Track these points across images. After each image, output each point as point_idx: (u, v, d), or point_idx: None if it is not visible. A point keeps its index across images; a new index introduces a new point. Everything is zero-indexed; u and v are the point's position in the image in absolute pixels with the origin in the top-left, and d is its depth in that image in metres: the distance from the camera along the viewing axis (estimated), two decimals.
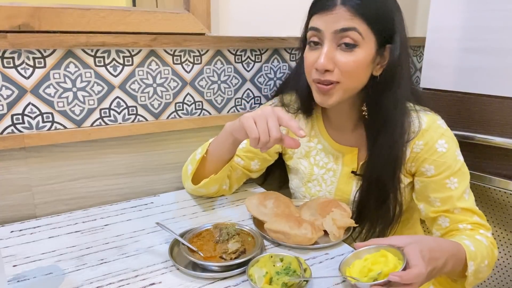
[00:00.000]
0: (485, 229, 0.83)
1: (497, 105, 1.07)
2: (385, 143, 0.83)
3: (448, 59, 1.16)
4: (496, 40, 1.04)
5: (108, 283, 0.67)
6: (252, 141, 0.77)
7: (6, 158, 0.88)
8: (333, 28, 0.77)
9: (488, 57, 1.07)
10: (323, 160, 0.94)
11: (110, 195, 1.02)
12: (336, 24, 0.76)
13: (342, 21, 0.76)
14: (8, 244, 0.78)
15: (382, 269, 0.64)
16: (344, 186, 0.92)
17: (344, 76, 0.79)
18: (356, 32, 0.76)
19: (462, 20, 1.11)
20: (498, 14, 1.03)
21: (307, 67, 0.83)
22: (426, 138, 0.83)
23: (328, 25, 0.77)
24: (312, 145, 0.96)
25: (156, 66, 0.99)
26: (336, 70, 0.78)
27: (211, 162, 0.91)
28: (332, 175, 0.93)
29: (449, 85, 1.16)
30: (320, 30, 0.79)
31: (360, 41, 0.77)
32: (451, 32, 1.14)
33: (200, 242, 0.76)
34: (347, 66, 0.78)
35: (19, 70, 0.85)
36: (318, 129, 0.96)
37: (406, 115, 0.84)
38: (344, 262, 0.70)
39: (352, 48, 0.77)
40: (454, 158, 0.84)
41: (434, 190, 0.84)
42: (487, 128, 1.10)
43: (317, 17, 0.79)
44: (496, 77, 1.06)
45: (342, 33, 0.76)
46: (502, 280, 1.13)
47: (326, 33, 0.78)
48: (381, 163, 0.84)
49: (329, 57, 0.78)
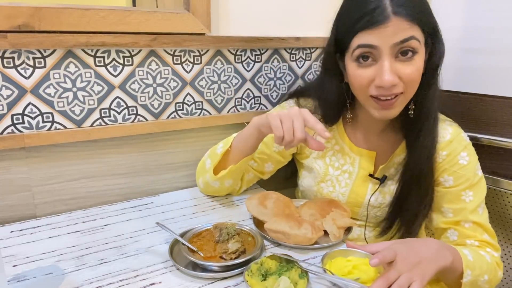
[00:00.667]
0: (493, 249, 0.82)
1: (497, 105, 1.07)
2: (428, 141, 0.82)
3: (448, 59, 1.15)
4: (496, 40, 1.04)
5: (108, 283, 0.67)
6: (276, 139, 0.77)
7: (6, 158, 0.88)
8: (391, 42, 0.72)
9: (488, 57, 1.07)
10: (339, 161, 0.93)
11: (110, 195, 1.02)
12: (394, 37, 0.72)
13: (400, 32, 0.72)
14: (8, 244, 0.78)
15: (361, 276, 0.67)
16: (359, 189, 0.91)
17: (409, 86, 0.76)
18: (415, 40, 0.73)
19: (462, 20, 1.11)
20: (498, 14, 1.03)
21: (361, 85, 0.78)
22: (449, 149, 0.84)
23: (385, 40, 0.72)
24: (329, 145, 0.95)
25: (156, 66, 0.99)
26: (400, 82, 0.75)
27: (234, 155, 0.91)
28: (347, 177, 0.92)
29: (449, 85, 1.16)
30: (375, 47, 0.73)
31: (419, 47, 0.75)
32: (451, 32, 1.13)
33: (200, 242, 0.76)
34: (412, 76, 0.75)
35: (19, 70, 0.85)
36: (337, 130, 0.95)
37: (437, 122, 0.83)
38: (329, 255, 0.73)
39: (412, 56, 0.74)
40: (474, 172, 0.84)
41: (449, 201, 0.84)
42: (488, 128, 1.10)
43: (368, 32, 0.73)
44: (496, 77, 1.06)
45: (401, 44, 0.72)
46: (502, 280, 1.13)
47: (384, 48, 0.73)
48: (424, 161, 0.83)
49: (393, 72, 0.73)
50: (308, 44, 1.18)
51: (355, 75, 0.78)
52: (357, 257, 0.72)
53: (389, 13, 0.71)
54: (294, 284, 0.64)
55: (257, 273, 0.67)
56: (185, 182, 1.12)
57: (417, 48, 0.74)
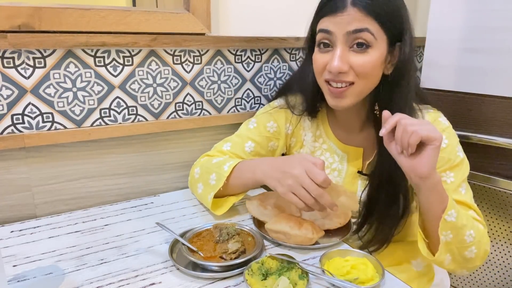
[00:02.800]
0: (480, 223, 0.82)
1: (497, 105, 1.07)
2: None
3: (448, 59, 1.16)
4: (496, 40, 1.04)
5: (108, 283, 0.67)
6: (302, 209, 0.78)
7: (6, 158, 0.88)
8: (345, 30, 0.76)
9: (488, 57, 1.07)
10: (327, 160, 0.94)
11: (110, 195, 1.02)
12: (348, 25, 0.76)
13: (354, 22, 0.75)
14: (8, 244, 0.78)
15: (359, 276, 0.67)
16: (349, 186, 0.92)
17: (359, 77, 0.79)
18: (368, 32, 0.76)
19: (462, 20, 1.11)
20: (498, 14, 1.03)
21: (317, 69, 0.83)
22: None
23: (340, 27, 0.77)
24: (317, 145, 0.96)
25: (156, 66, 0.99)
26: (350, 71, 0.78)
27: (227, 189, 0.89)
28: (337, 175, 0.93)
29: (449, 85, 1.16)
30: (331, 32, 0.78)
31: (373, 41, 0.77)
32: (451, 32, 1.14)
33: (200, 242, 0.76)
34: (363, 68, 0.78)
35: (19, 70, 0.85)
36: (323, 129, 0.96)
37: (413, 114, 0.84)
38: (326, 255, 0.73)
39: (366, 49, 0.77)
40: (454, 153, 0.84)
41: None
42: (487, 128, 1.10)
43: (327, 19, 0.79)
44: (496, 77, 1.06)
45: (354, 34, 0.76)
46: (502, 280, 1.13)
47: (338, 35, 0.77)
48: (393, 161, 0.83)
49: (343, 59, 0.77)
50: None
51: (315, 58, 0.83)
52: (354, 256, 0.72)
53: (348, 2, 0.76)
54: (293, 284, 0.64)
55: (257, 272, 0.67)
56: (185, 182, 1.11)
57: (371, 42, 0.77)
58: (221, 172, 0.87)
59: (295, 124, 0.96)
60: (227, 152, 0.95)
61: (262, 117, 0.98)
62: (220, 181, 0.86)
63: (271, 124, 0.96)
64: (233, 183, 0.88)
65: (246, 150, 0.95)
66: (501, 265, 1.12)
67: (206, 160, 0.96)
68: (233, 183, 0.88)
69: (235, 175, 0.87)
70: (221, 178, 0.86)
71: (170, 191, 1.08)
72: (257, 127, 0.97)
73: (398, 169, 0.80)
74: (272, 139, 0.97)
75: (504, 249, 1.11)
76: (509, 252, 1.10)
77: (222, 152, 0.96)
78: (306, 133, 0.96)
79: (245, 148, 0.95)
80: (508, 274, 1.12)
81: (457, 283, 1.23)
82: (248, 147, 0.95)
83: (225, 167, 0.87)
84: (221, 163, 0.89)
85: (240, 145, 0.96)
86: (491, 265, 1.14)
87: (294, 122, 0.96)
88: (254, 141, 0.95)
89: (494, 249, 1.13)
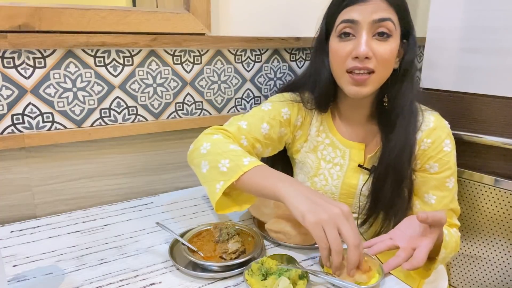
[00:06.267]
0: (457, 228, 0.91)
1: (497, 105, 1.07)
2: (402, 132, 0.85)
3: (448, 59, 1.15)
4: (496, 40, 1.04)
5: (108, 283, 0.67)
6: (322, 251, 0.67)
7: (6, 158, 0.88)
8: (370, 18, 0.79)
9: (488, 57, 1.06)
10: (330, 155, 0.95)
11: (110, 195, 1.02)
12: (373, 14, 0.79)
13: (379, 11, 0.79)
14: (8, 244, 0.78)
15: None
16: (351, 180, 0.93)
17: (380, 65, 0.81)
18: (391, 22, 0.79)
19: (462, 20, 1.11)
20: (498, 14, 1.03)
21: (340, 57, 0.83)
22: (434, 136, 0.87)
23: (366, 16, 0.79)
24: (320, 139, 0.96)
25: (156, 66, 0.99)
26: (373, 58, 0.80)
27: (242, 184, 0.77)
28: (338, 170, 0.94)
29: (449, 85, 1.16)
30: (356, 21, 0.80)
31: (393, 31, 0.80)
32: (451, 32, 1.13)
33: (200, 242, 0.76)
34: (385, 55, 0.80)
35: (19, 70, 0.85)
36: (326, 124, 0.96)
37: (417, 112, 0.87)
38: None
39: (387, 38, 0.80)
40: (454, 160, 0.89)
41: (434, 187, 0.88)
42: (487, 128, 1.10)
43: (351, 9, 0.81)
44: (496, 77, 1.06)
45: (379, 23, 0.79)
46: (502, 280, 1.13)
47: (363, 24, 0.80)
48: (398, 151, 0.86)
49: (368, 45, 0.80)
50: (308, 44, 1.18)
51: (336, 48, 0.84)
52: None
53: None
54: (293, 284, 0.64)
55: (257, 272, 0.67)
56: (185, 182, 1.12)
57: (392, 32, 0.80)
58: (238, 164, 0.76)
59: (305, 118, 0.96)
60: (244, 132, 0.89)
61: (277, 102, 0.95)
62: (235, 173, 0.75)
63: (286, 110, 0.94)
64: (248, 182, 0.76)
65: (262, 132, 0.90)
66: (501, 265, 1.12)
67: (220, 140, 0.84)
68: (247, 182, 0.76)
69: (252, 174, 0.75)
70: (236, 170, 0.76)
71: (170, 191, 1.08)
72: (272, 110, 0.93)
73: (402, 158, 0.83)
74: (283, 125, 0.94)
75: (504, 249, 1.11)
76: (509, 252, 1.10)
77: (239, 129, 0.89)
78: (312, 128, 0.96)
79: (261, 129, 0.90)
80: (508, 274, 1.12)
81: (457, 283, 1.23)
82: (264, 129, 0.91)
83: (245, 160, 0.77)
84: (240, 153, 0.79)
85: (256, 126, 0.90)
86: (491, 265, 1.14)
87: (304, 116, 0.96)
88: (269, 124, 0.91)
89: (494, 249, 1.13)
